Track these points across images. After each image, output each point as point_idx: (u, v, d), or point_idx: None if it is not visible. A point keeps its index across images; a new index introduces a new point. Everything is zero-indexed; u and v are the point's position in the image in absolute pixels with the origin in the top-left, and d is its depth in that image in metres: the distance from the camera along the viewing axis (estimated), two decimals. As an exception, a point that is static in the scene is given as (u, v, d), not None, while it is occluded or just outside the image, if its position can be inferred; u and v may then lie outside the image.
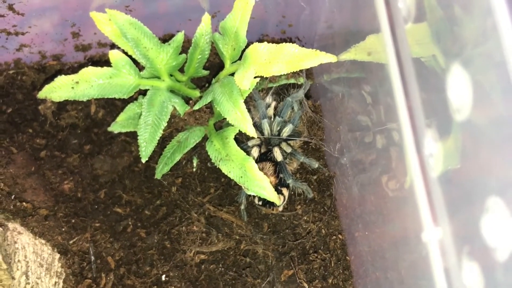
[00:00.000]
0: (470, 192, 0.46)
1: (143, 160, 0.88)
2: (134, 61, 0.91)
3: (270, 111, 0.99)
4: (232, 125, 0.86)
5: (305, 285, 0.92)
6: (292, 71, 0.83)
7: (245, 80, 0.85)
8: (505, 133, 0.39)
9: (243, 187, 0.89)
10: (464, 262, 0.48)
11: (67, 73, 0.89)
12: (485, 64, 0.42)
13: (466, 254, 0.48)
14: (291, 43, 0.83)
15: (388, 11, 0.60)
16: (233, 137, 0.91)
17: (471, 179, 0.46)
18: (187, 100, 0.96)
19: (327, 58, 0.81)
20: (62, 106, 1.04)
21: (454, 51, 0.49)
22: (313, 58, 0.82)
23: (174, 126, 0.98)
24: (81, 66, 1.00)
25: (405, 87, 0.58)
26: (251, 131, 0.84)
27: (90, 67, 0.88)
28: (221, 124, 0.98)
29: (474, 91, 0.43)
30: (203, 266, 0.94)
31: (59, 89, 0.88)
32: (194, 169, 1.00)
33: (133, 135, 1.00)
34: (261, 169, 0.92)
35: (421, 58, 0.58)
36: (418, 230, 0.56)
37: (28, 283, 0.86)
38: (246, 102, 0.94)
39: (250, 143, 0.98)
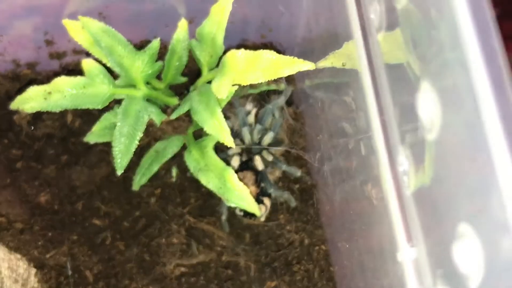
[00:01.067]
0: (442, 214, 0.44)
1: (119, 173, 0.85)
2: (109, 69, 0.89)
3: (251, 118, 0.97)
4: (211, 135, 0.84)
5: (288, 297, 0.91)
6: (269, 79, 0.81)
7: (223, 88, 0.83)
8: (474, 155, 0.37)
9: (222, 199, 0.87)
10: (439, 286, 0.46)
11: (42, 82, 0.87)
12: (451, 77, 0.40)
13: (440, 278, 0.46)
14: (268, 50, 0.81)
15: (361, 20, 0.58)
16: (212, 146, 0.89)
17: (444, 200, 0.44)
18: (165, 108, 0.94)
19: (305, 65, 0.79)
20: (38, 115, 1.01)
21: (423, 68, 0.47)
22: (291, 65, 0.80)
23: (152, 135, 0.96)
24: (56, 74, 0.96)
25: (378, 98, 0.56)
26: (229, 141, 0.82)
27: (63, 77, 0.86)
28: (201, 133, 0.95)
29: (443, 110, 0.41)
30: (183, 279, 0.92)
31: (31, 100, 0.85)
32: (174, 180, 0.98)
33: (110, 145, 0.98)
34: (242, 179, 0.90)
35: (394, 69, 0.56)
36: (394, 248, 0.54)
37: (2, 300, 0.84)
38: (225, 109, 0.93)
39: (230, 152, 0.96)
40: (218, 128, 0.83)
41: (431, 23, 0.42)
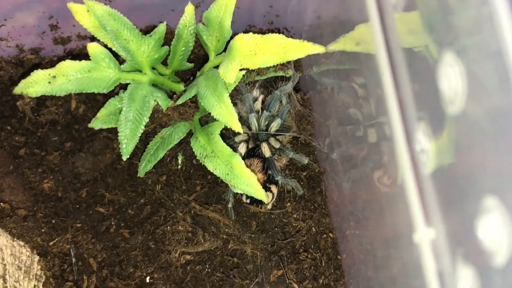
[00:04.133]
0: (465, 190, 0.43)
1: (124, 158, 0.84)
2: (115, 54, 0.87)
3: (258, 105, 0.95)
4: (217, 120, 0.83)
5: (295, 285, 0.89)
6: (279, 63, 0.80)
7: (230, 72, 0.82)
8: (503, 126, 0.35)
9: (229, 185, 0.86)
10: (459, 265, 0.45)
11: (45, 67, 0.85)
12: (480, 53, 0.38)
13: (461, 257, 0.45)
14: (277, 34, 0.79)
15: (377, 0, 0.56)
16: (219, 132, 0.88)
17: (466, 176, 0.43)
18: (171, 94, 0.92)
19: (315, 49, 0.78)
20: (42, 101, 1.00)
21: (447, 40, 0.46)
22: (301, 49, 0.78)
23: (158, 121, 0.94)
24: (60, 59, 0.95)
25: (395, 78, 0.54)
26: (237, 126, 0.80)
27: (68, 61, 0.84)
28: (207, 119, 0.94)
29: (468, 82, 0.40)
30: (189, 267, 0.90)
31: (35, 84, 0.84)
32: (179, 166, 0.97)
33: (115, 131, 0.96)
34: (249, 166, 0.89)
35: (412, 48, 0.54)
36: (409, 230, 0.53)
37: (6, 287, 0.82)
38: (232, 95, 0.91)
39: (237, 139, 0.94)
40: (225, 113, 0.81)
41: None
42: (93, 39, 0.95)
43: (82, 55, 1.01)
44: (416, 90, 0.52)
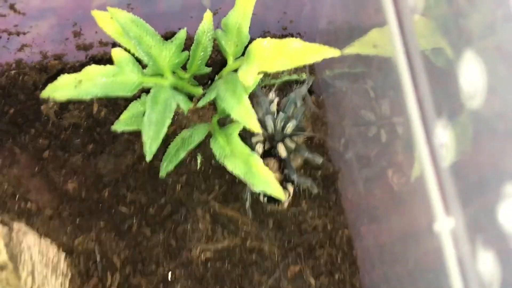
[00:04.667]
0: (484, 179, 0.46)
1: (148, 159, 0.87)
2: (137, 59, 0.91)
3: (273, 107, 0.99)
4: (236, 122, 0.86)
5: (312, 280, 0.92)
6: (295, 66, 0.83)
7: (249, 75, 0.85)
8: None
9: (248, 184, 0.89)
10: (479, 251, 0.48)
11: (68, 72, 0.88)
12: (500, 52, 0.42)
13: (481, 243, 0.48)
14: (294, 38, 0.83)
15: (395, 2, 0.60)
16: (237, 133, 0.91)
17: (485, 166, 0.46)
18: (190, 97, 0.96)
19: (331, 52, 0.81)
20: (64, 106, 1.03)
21: (463, 41, 0.49)
22: (317, 52, 0.81)
23: (178, 123, 0.98)
24: (82, 65, 0.99)
25: (413, 77, 0.57)
26: (256, 126, 0.83)
27: (94, 65, 0.88)
28: (224, 121, 0.97)
29: (488, 78, 0.43)
30: (209, 264, 0.93)
31: (62, 88, 0.87)
32: (198, 167, 1.00)
33: (136, 134, 1.00)
34: (266, 166, 0.92)
35: (428, 50, 0.58)
36: (429, 221, 0.56)
37: (35, 283, 0.85)
38: (249, 99, 0.94)
39: (253, 140, 0.98)
40: (245, 114, 0.84)
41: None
42: (114, 45, 0.99)
43: (104, 60, 1.04)
44: (433, 87, 0.55)
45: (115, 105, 1.04)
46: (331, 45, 0.82)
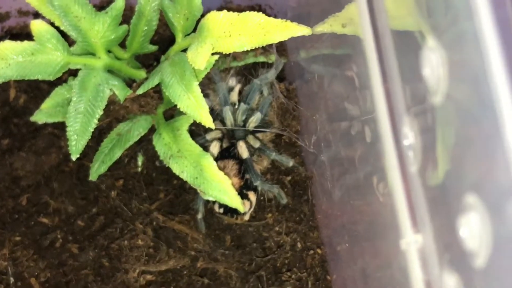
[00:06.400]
0: (448, 188, 0.50)
1: (74, 158, 0.89)
2: (63, 34, 0.93)
3: (234, 96, 1.02)
4: (185, 114, 0.88)
5: (277, 311, 0.96)
6: (257, 46, 0.86)
7: (200, 57, 0.87)
8: (479, 122, 0.43)
9: (199, 191, 0.92)
10: (445, 272, 0.52)
11: (-22, 49, 0.91)
12: (461, 41, 0.46)
13: (447, 263, 0.52)
14: (256, 12, 0.86)
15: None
16: (187, 128, 0.93)
17: (450, 172, 0.50)
18: (130, 82, 0.98)
19: (300, 30, 0.84)
20: (-29, 90, 1.06)
21: (438, 26, 0.53)
22: (283, 30, 0.85)
23: (114, 115, 1.00)
24: (-3, 40, 1.02)
25: (382, 64, 0.61)
26: (208, 121, 0.86)
27: (7, 41, 0.90)
28: (173, 113, 1.00)
29: (449, 71, 0.47)
30: (150, 289, 0.97)
31: (-33, 68, 0.90)
32: (139, 169, 1.03)
33: (62, 127, 1.02)
34: (222, 168, 0.94)
35: (401, 31, 0.62)
36: (396, 237, 0.60)
37: None
38: (203, 84, 0.97)
39: (208, 136, 1.00)
40: (194, 105, 0.87)
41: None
42: (37, 15, 1.01)
43: (24, 35, 1.07)
44: (404, 78, 0.59)
45: (38, 90, 1.07)
46: (304, 21, 0.85)
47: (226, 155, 1.00)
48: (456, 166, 0.49)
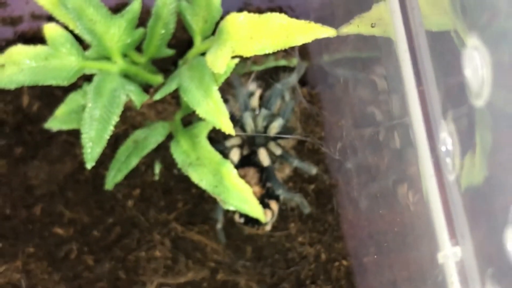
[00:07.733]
0: (491, 198, 0.47)
1: (88, 166, 0.88)
2: (77, 37, 0.91)
3: (254, 102, 1.00)
4: (204, 120, 0.87)
5: (300, 326, 0.93)
6: (281, 49, 0.84)
7: (220, 60, 0.85)
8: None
9: (218, 200, 0.90)
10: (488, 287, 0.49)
11: (-9, 53, 0.90)
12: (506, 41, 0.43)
13: (490, 278, 0.49)
14: (278, 14, 0.84)
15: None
16: (206, 135, 0.92)
17: (491, 182, 0.47)
18: (146, 88, 0.96)
19: (324, 31, 0.82)
20: (-16, 97, 1.05)
21: (477, 24, 0.50)
22: (306, 32, 0.82)
23: (130, 121, 0.99)
24: (9, 44, 0.99)
25: (415, 66, 0.59)
26: (228, 127, 0.84)
27: (19, 46, 0.88)
28: (191, 119, 0.98)
29: (493, 72, 0.44)
30: (168, 303, 0.95)
31: (-21, 74, 0.88)
32: (157, 177, 1.01)
33: (77, 134, 0.99)
34: (243, 177, 0.92)
35: (437, 31, 0.59)
36: (433, 250, 0.57)
37: None
38: (223, 90, 0.95)
39: (228, 143, 0.99)
40: (213, 111, 0.85)
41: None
42: (50, 19, 1.00)
43: (37, 39, 1.04)
44: (441, 81, 0.56)
45: (51, 96, 1.05)
46: (328, 22, 0.83)
47: (246, 162, 0.98)
48: (499, 175, 0.46)
